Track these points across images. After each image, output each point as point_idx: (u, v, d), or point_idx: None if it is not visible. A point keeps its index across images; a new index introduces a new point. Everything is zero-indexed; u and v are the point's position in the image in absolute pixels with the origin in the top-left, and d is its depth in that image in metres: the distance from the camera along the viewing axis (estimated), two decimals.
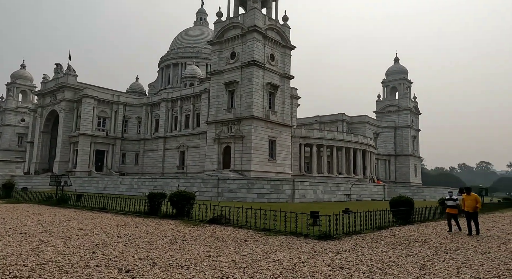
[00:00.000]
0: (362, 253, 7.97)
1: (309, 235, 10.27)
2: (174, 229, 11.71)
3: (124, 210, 17.42)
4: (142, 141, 60.30)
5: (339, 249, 8.54)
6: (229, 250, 8.26)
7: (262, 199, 30.41)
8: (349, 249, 8.54)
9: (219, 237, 10.24)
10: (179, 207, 15.00)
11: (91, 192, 37.71)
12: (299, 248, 8.52)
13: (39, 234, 10.17)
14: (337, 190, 37.43)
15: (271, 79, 42.86)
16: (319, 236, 9.95)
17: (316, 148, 51.76)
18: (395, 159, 73.12)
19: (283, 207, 18.11)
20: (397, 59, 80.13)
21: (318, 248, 8.58)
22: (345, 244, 9.31)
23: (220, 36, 44.66)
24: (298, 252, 8.04)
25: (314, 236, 10.10)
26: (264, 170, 40.12)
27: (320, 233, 10.02)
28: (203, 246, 8.77)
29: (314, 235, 10.12)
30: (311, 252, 8.00)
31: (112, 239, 9.59)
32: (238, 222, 12.50)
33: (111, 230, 11.25)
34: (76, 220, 14.04)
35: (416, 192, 46.69)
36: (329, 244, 9.16)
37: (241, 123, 40.86)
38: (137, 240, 9.44)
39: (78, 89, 57.56)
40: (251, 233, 11.04)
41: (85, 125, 55.03)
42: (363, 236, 10.69)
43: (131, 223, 13.20)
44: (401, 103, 75.19)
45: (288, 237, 10.21)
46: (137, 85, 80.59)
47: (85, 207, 19.46)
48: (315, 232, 10.24)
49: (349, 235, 10.62)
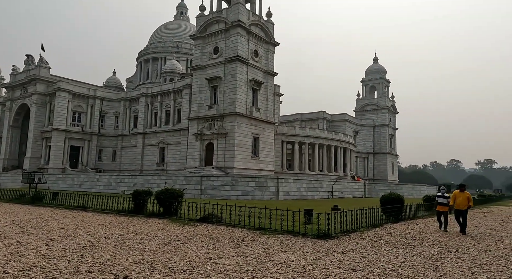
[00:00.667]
0: (367, 253, 7.72)
1: (307, 234, 9.97)
2: (164, 229, 11.13)
3: (106, 209, 16.58)
4: (120, 137, 58.49)
5: (342, 249, 8.28)
6: (228, 251, 7.82)
7: (247, 197, 30.02)
8: (352, 248, 8.29)
9: (213, 237, 9.76)
10: (167, 205, 14.38)
11: (66, 189, 36.13)
12: (301, 248, 8.19)
13: (16, 236, 9.36)
14: (320, 187, 37.57)
15: (254, 75, 42.44)
16: (317, 235, 9.67)
17: (298, 145, 51.87)
18: (374, 157, 74.54)
19: (269, 204, 17.79)
20: (376, 58, 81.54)
21: (320, 248, 8.28)
22: (346, 243, 9.06)
23: (202, 30, 43.77)
24: (302, 252, 7.70)
25: (312, 235, 9.81)
26: (247, 167, 39.74)
27: (318, 232, 9.74)
28: (199, 247, 8.28)
29: (312, 234, 9.83)
30: (315, 253, 7.68)
31: (99, 240, 8.93)
32: (231, 220, 12.05)
33: (96, 231, 10.54)
34: (55, 219, 13.16)
35: (395, 189, 47.57)
36: (330, 244, 8.89)
37: (224, 120, 40.25)
38: (127, 241, 8.82)
39: (51, 82, 55.05)
40: (246, 232, 10.62)
41: (59, 119, 52.73)
42: (361, 235, 10.51)
43: (116, 223, 12.48)
44: (380, 102, 76.62)
45: (285, 236, 9.87)
46: (114, 79, 78.15)
47: (63, 206, 18.41)
48: (313, 231, 9.95)
49: (346, 234, 10.40)
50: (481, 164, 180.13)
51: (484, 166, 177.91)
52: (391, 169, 74.64)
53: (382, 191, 47.75)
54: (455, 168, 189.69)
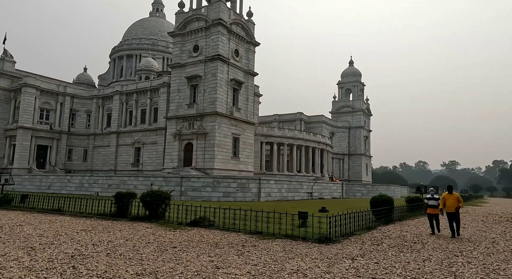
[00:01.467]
0: (377, 259, 7.48)
1: (307, 238, 9.65)
2: (154, 234, 10.46)
3: (85, 212, 15.57)
4: (92, 136, 56.13)
5: (349, 254, 8.01)
6: (233, 258, 7.35)
7: (228, 198, 29.48)
8: (360, 254, 8.04)
9: (210, 242, 9.24)
10: (154, 208, 13.65)
11: (33, 191, 34.07)
12: (307, 254, 7.84)
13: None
14: (300, 188, 37.61)
15: (235, 75, 41.92)
16: (318, 239, 9.37)
17: (276, 146, 51.82)
18: (349, 158, 75.92)
19: (254, 206, 17.44)
20: (352, 62, 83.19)
21: (326, 253, 7.97)
22: (350, 248, 8.81)
23: (182, 27, 42.74)
24: (310, 259, 7.36)
25: (313, 239, 9.50)
26: (227, 168, 39.14)
27: (319, 236, 9.44)
28: (200, 254, 7.75)
29: (313, 238, 9.52)
30: (324, 259, 7.36)
31: (87, 248, 8.18)
32: (224, 224, 11.53)
33: (80, 237, 9.72)
34: (31, 224, 12.11)
35: (371, 190, 48.57)
36: (334, 249, 8.60)
37: (204, 119, 39.45)
38: (119, 249, 8.14)
39: (16, 77, 52.05)
40: (243, 236, 10.17)
41: (24, 117, 49.85)
42: (360, 238, 10.32)
43: (99, 228, 11.64)
44: (355, 105, 78.20)
45: (285, 241, 9.50)
46: (86, 76, 75.06)
47: (35, 209, 17.14)
48: (314, 234, 9.65)
49: (345, 237, 10.18)
50: (446, 165, 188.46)
51: (449, 168, 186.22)
52: (365, 170, 76.32)
53: (359, 191, 48.68)
54: (422, 169, 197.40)
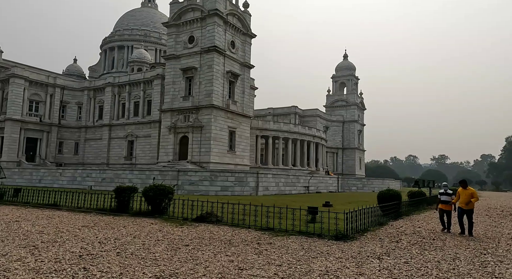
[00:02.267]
0: (405, 258, 7.11)
1: (323, 235, 9.26)
2: (161, 230, 9.96)
3: (83, 207, 14.96)
4: (83, 129, 54.92)
5: (372, 252, 7.64)
6: (253, 257, 6.92)
7: (226, 192, 29.07)
8: (383, 252, 7.68)
9: (223, 239, 8.79)
10: (157, 203, 13.13)
11: (24, 185, 33.19)
12: (329, 253, 7.45)
13: None
14: (297, 182, 37.36)
15: (231, 67, 41.21)
16: (335, 236, 8.99)
17: (271, 140, 51.43)
18: (342, 152, 76.01)
19: (253, 200, 17.13)
20: (346, 55, 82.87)
21: (349, 252, 7.59)
22: (370, 245, 8.45)
23: (177, 18, 41.74)
24: (335, 258, 6.96)
25: (329, 236, 9.12)
26: (223, 162, 38.63)
27: (336, 232, 9.06)
28: (216, 253, 7.30)
29: (329, 235, 9.14)
30: (349, 258, 6.97)
31: (94, 246, 7.66)
32: (233, 220, 11.09)
33: (83, 234, 9.18)
34: (28, 220, 11.49)
35: (366, 184, 48.73)
36: (355, 246, 8.23)
37: (200, 112, 38.76)
38: (129, 247, 7.63)
39: (4, 68, 50.52)
40: (254, 233, 9.74)
41: (13, 108, 48.44)
42: (375, 234, 9.99)
43: (102, 224, 11.09)
44: (349, 99, 78.11)
45: (300, 238, 9.10)
46: (75, 67, 73.32)
47: (29, 204, 16.45)
48: (330, 231, 9.27)
49: (361, 234, 9.83)
50: (435, 159, 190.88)
51: (438, 161, 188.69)
52: (359, 164, 76.56)
53: (354, 185, 48.74)
54: (413, 163, 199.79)
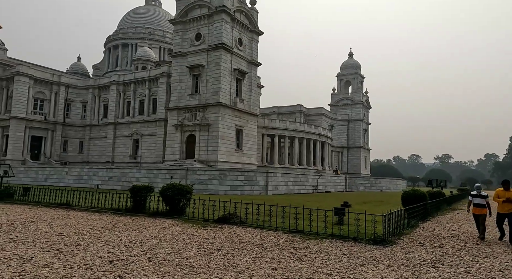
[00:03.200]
0: (463, 267, 6.52)
1: (359, 238, 8.74)
2: (185, 232, 9.47)
3: (96, 207, 14.49)
4: (88, 127, 54.49)
5: (422, 259, 7.03)
6: (295, 264, 6.42)
7: (235, 191, 28.60)
8: (434, 259, 7.10)
9: (253, 243, 8.29)
10: (175, 203, 12.64)
11: (29, 183, 32.72)
12: (376, 259, 6.92)
13: (8, 245, 7.36)
14: (306, 181, 36.87)
15: (239, 64, 40.68)
16: (373, 240, 8.46)
17: (277, 138, 50.93)
18: (348, 151, 75.44)
19: (265, 200, 16.63)
20: (352, 54, 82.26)
21: (396, 259, 7.04)
22: (413, 251, 7.91)
23: (183, 15, 41.21)
24: (385, 266, 6.43)
25: (367, 239, 8.60)
26: (231, 161, 38.14)
27: (374, 236, 8.54)
28: (254, 258, 6.80)
29: (366, 239, 8.62)
30: (400, 266, 6.44)
31: (121, 251, 7.17)
32: (259, 222, 10.58)
33: (105, 236, 8.69)
34: (44, 221, 11.01)
35: (374, 183, 48.21)
36: (399, 252, 7.68)
37: (207, 110, 38.25)
38: (158, 252, 7.14)
39: (9, 66, 50.05)
40: (284, 236, 9.24)
41: (18, 107, 48.03)
42: (411, 238, 9.47)
43: (121, 225, 10.60)
44: (354, 97, 77.50)
45: (335, 242, 8.58)
46: (79, 65, 72.92)
47: (41, 203, 16.00)
48: (367, 235, 8.75)
49: (397, 237, 9.31)
50: (439, 158, 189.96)
51: (442, 161, 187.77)
52: (364, 163, 75.98)
53: (362, 185, 48.19)
54: (416, 162, 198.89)
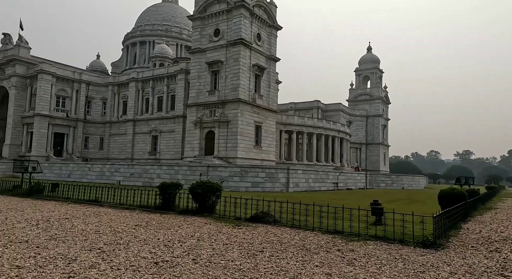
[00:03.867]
0: None
1: (406, 241, 8.26)
2: (221, 232, 9.22)
3: (125, 204, 14.44)
4: (108, 124, 55.19)
5: (485, 266, 6.49)
6: (349, 270, 6.05)
7: (256, 188, 28.37)
8: (498, 266, 6.52)
9: (294, 244, 7.95)
10: (205, 201, 12.43)
11: (53, 179, 33.28)
12: (434, 266, 6.44)
13: (49, 244, 7.24)
14: (326, 178, 36.33)
15: (257, 60, 40.27)
16: (422, 242, 7.97)
17: (295, 135, 50.42)
18: (366, 147, 74.17)
19: (288, 197, 16.31)
20: (370, 48, 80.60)
21: (456, 265, 6.50)
22: (471, 255, 7.34)
23: (202, 10, 41.00)
24: (449, 274, 5.91)
25: (415, 242, 8.13)
26: (250, 157, 37.89)
27: (423, 238, 8.05)
28: (302, 262, 6.47)
29: (415, 241, 8.15)
30: (465, 274, 5.93)
31: (163, 251, 6.95)
32: (294, 221, 10.25)
33: (142, 235, 8.52)
34: (77, 218, 10.97)
35: (395, 180, 47.20)
36: (454, 257, 7.16)
37: (226, 107, 38.05)
38: (200, 253, 6.89)
39: (32, 64, 50.96)
40: (323, 237, 8.88)
41: (41, 104, 48.95)
42: (461, 240, 8.92)
43: (153, 223, 10.45)
44: (373, 92, 76.01)
45: (380, 244, 8.15)
46: (99, 63, 73.88)
47: (70, 199, 16.08)
48: (415, 237, 8.27)
49: (445, 240, 8.79)
50: (459, 155, 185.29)
51: (462, 157, 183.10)
52: (383, 159, 74.61)
53: (383, 182, 47.23)
54: (435, 159, 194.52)
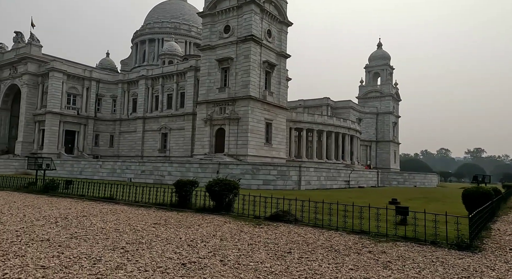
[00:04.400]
0: None
1: (439, 242, 7.86)
2: (243, 231, 8.96)
3: (140, 201, 14.27)
4: (118, 122, 55.38)
5: None
6: (386, 274, 5.71)
7: (268, 186, 28.11)
8: None
9: (321, 245, 7.64)
10: (222, 199, 12.19)
11: (65, 176, 33.44)
12: (478, 271, 6.00)
13: (71, 242, 7.06)
14: (338, 176, 35.92)
15: (268, 57, 39.89)
16: (457, 244, 7.56)
17: (305, 132, 49.98)
18: (376, 145, 73.41)
19: (300, 195, 16.00)
20: (380, 44, 79.61)
21: (505, 271, 6.07)
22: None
23: (212, 7, 40.72)
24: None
25: (448, 244, 7.72)
26: (260, 155, 37.62)
27: (457, 240, 7.66)
28: (335, 264, 6.16)
29: (448, 243, 7.76)
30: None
31: (188, 251, 6.71)
32: (316, 220, 9.95)
33: (162, 233, 8.29)
34: (94, 215, 10.81)
35: (407, 178, 46.57)
36: (498, 261, 6.70)
37: (236, 104, 37.80)
38: (226, 253, 6.63)
39: (44, 62, 51.24)
40: (349, 237, 8.56)
41: (53, 102, 49.25)
42: (496, 242, 8.49)
43: (172, 221, 10.23)
44: (384, 89, 75.11)
45: (412, 246, 7.77)
46: (108, 61, 74.12)
47: (85, 197, 15.99)
48: (449, 239, 7.87)
49: (479, 242, 8.39)
50: (470, 152, 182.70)
51: (473, 155, 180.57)
52: (393, 157, 73.77)
53: (395, 180, 46.63)
54: (445, 156, 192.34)
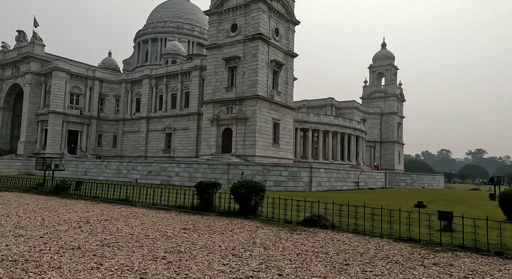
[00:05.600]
0: None
1: (505, 253, 7.26)
2: (281, 238, 8.36)
3: (158, 204, 13.65)
4: (121, 122, 54.68)
5: None
6: None
7: (279, 187, 27.50)
8: None
9: (374, 255, 7.06)
10: (249, 202, 11.58)
11: (69, 177, 32.76)
12: None
13: (104, 251, 6.46)
14: (347, 178, 35.35)
15: (275, 56, 39.29)
16: None
17: (311, 133, 49.40)
18: (380, 146, 72.85)
19: (310, 196, 15.36)
20: (385, 44, 79.07)
21: None
22: None
23: (219, 5, 40.09)
24: None
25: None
26: (268, 155, 36.99)
27: None
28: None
29: None
30: None
31: (235, 261, 6.11)
32: (357, 226, 9.35)
33: (196, 240, 7.69)
34: (116, 219, 10.19)
35: (415, 180, 46.00)
36: None
37: (243, 103, 37.17)
38: (279, 265, 6.03)
39: (46, 61, 50.56)
40: (399, 246, 7.97)
41: (56, 101, 48.55)
42: None
43: (200, 226, 9.63)
44: (388, 90, 74.57)
45: (476, 257, 7.17)
46: (110, 60, 73.36)
47: (98, 198, 15.36)
48: (510, 249, 7.33)
49: None
50: (471, 153, 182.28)
51: (475, 156, 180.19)
52: (398, 158, 73.21)
53: (403, 181, 46.03)
54: (446, 157, 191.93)
